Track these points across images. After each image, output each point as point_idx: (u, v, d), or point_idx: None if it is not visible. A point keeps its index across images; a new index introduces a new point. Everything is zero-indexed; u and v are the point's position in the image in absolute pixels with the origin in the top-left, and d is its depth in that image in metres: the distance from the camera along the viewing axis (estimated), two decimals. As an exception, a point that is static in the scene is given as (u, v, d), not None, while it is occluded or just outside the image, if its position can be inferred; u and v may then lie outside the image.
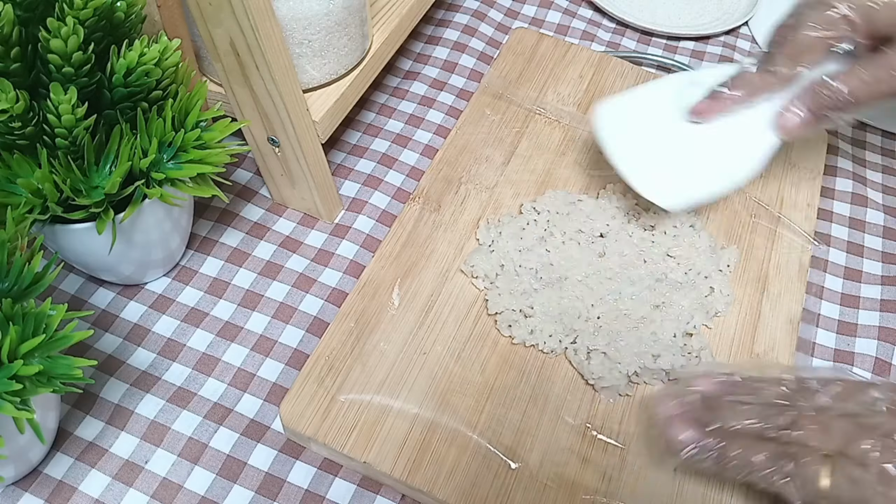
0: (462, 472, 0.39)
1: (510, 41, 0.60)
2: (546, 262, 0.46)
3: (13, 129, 0.36)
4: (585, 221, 0.48)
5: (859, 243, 0.54)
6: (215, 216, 0.52)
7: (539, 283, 0.45)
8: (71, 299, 0.48)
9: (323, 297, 0.49)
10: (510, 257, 0.46)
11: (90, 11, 0.36)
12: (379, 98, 0.61)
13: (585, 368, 0.42)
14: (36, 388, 0.32)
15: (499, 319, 0.44)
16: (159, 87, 0.40)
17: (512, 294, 0.45)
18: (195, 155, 0.40)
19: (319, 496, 0.41)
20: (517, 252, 0.46)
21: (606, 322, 0.44)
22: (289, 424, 0.39)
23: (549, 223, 0.48)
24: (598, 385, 0.42)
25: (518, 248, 0.46)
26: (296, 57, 0.45)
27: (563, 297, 0.44)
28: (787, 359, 0.44)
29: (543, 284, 0.45)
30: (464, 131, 0.53)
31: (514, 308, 0.44)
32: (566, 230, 0.47)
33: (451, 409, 0.41)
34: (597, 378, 0.42)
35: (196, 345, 0.46)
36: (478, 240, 0.48)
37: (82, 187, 0.38)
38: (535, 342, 0.43)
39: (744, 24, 0.70)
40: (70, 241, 0.41)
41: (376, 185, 0.55)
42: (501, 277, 0.45)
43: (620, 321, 0.44)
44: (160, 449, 0.42)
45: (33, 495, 0.40)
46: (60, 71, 0.36)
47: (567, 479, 0.39)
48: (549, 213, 0.48)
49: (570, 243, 0.47)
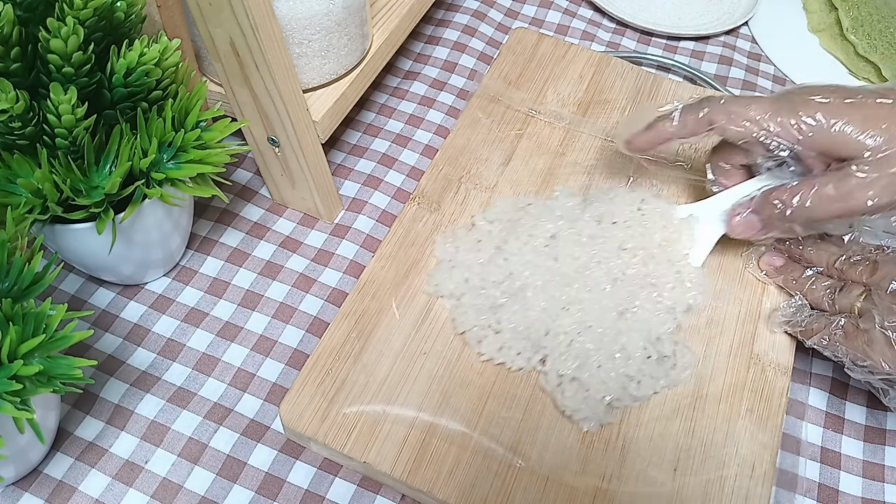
0: (462, 472, 0.39)
1: (510, 41, 0.60)
2: (506, 272, 0.44)
3: (13, 129, 0.36)
4: (535, 224, 0.46)
5: (859, 243, 0.54)
6: (215, 216, 0.52)
7: (503, 295, 0.43)
8: (71, 299, 0.48)
9: (323, 297, 0.49)
10: (473, 271, 0.44)
11: (90, 11, 0.36)
12: (379, 98, 0.61)
13: (559, 399, 0.41)
14: (36, 388, 0.32)
15: (468, 337, 0.43)
16: (159, 87, 0.40)
17: (479, 310, 0.43)
18: (195, 155, 0.40)
19: (319, 496, 0.41)
20: (478, 265, 0.44)
21: (574, 337, 0.42)
22: (289, 424, 0.39)
23: (502, 231, 0.46)
24: (576, 417, 0.40)
25: (479, 261, 0.45)
26: (296, 57, 0.45)
27: (528, 308, 0.42)
28: (787, 359, 0.44)
29: (507, 296, 0.43)
30: (463, 131, 0.53)
31: (482, 325, 0.43)
32: (519, 236, 0.45)
33: (451, 409, 0.41)
34: (573, 410, 0.40)
35: (196, 345, 0.46)
36: (436, 257, 0.46)
37: (82, 187, 0.38)
38: (503, 360, 0.42)
39: (744, 24, 0.70)
40: (70, 241, 0.41)
41: (376, 185, 0.55)
42: (467, 295, 0.44)
43: (586, 334, 0.42)
44: (160, 449, 0.42)
45: (33, 495, 0.40)
46: (60, 71, 0.36)
47: (567, 478, 0.39)
48: (501, 221, 0.47)
49: (524, 248, 0.44)
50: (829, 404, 0.46)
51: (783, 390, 0.42)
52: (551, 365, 0.41)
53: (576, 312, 0.42)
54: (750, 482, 0.39)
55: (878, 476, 0.43)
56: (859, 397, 0.46)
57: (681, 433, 0.41)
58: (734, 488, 0.39)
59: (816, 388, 0.46)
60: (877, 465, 0.44)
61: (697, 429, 0.41)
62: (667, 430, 0.41)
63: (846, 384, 0.47)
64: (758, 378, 0.43)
